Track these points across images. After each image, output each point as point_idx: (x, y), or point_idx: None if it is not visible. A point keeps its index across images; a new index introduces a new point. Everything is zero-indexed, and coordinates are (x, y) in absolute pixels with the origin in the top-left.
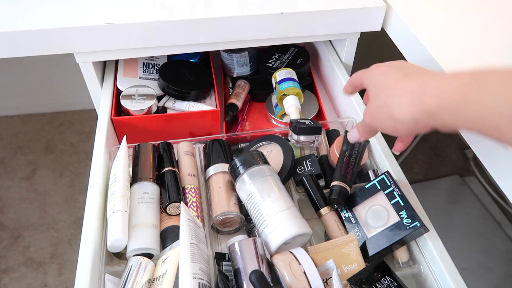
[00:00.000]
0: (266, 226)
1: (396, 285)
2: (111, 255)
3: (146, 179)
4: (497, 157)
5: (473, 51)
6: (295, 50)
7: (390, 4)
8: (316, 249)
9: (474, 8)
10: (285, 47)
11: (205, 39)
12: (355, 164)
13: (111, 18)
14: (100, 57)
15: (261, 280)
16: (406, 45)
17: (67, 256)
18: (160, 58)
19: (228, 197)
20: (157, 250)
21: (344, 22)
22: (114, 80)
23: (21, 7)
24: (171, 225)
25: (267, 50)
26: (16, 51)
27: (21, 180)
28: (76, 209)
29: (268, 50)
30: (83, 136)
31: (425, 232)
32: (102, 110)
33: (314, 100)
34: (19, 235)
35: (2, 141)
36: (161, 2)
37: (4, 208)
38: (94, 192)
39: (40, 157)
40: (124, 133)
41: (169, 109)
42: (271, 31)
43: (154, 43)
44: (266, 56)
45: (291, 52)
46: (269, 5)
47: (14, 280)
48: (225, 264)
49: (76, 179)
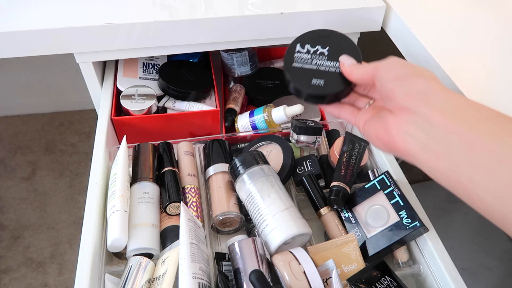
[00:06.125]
0: (266, 226)
1: (395, 285)
2: (111, 255)
3: (146, 179)
4: None
5: (473, 51)
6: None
7: (390, 4)
8: (316, 249)
9: (474, 8)
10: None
11: (205, 39)
12: (355, 164)
13: (111, 18)
14: (100, 57)
15: (261, 280)
16: (406, 45)
17: (67, 256)
18: (160, 58)
19: (228, 197)
20: (157, 250)
21: (344, 22)
22: (114, 80)
23: (21, 7)
24: (171, 225)
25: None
26: (16, 51)
27: (21, 180)
28: (76, 209)
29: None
30: (83, 136)
31: (424, 232)
32: (102, 110)
33: (316, 107)
34: (19, 235)
35: (2, 141)
36: (161, 2)
37: (4, 208)
38: (94, 192)
39: (40, 157)
40: (124, 133)
41: (169, 109)
42: (271, 31)
43: (154, 43)
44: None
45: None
46: (269, 5)
47: (14, 280)
48: (225, 264)
49: (76, 179)
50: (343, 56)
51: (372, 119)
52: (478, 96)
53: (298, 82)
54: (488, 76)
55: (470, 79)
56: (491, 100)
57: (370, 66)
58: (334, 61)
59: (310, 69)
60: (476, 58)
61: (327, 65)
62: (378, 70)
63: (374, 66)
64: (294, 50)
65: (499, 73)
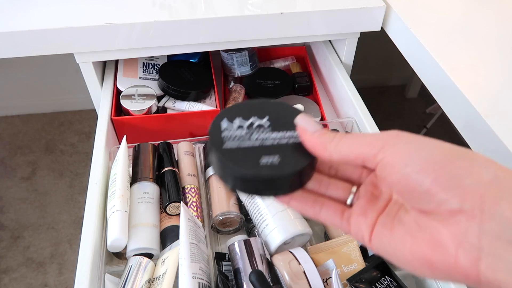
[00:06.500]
0: (266, 226)
1: (395, 285)
2: (111, 255)
3: (146, 179)
4: (496, 157)
5: (473, 51)
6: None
7: (390, 4)
8: (316, 249)
9: (474, 8)
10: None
11: (205, 39)
12: None
13: (111, 18)
14: (100, 57)
15: (261, 280)
16: (406, 45)
17: (67, 256)
18: (160, 58)
19: (228, 197)
20: (157, 250)
21: (344, 22)
22: (114, 80)
23: (21, 7)
24: (171, 225)
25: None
26: (16, 51)
27: (21, 180)
28: (76, 209)
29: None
30: (83, 136)
31: None
32: (102, 110)
33: (316, 107)
34: (19, 235)
35: (2, 141)
36: (161, 2)
37: (4, 208)
38: (94, 192)
39: (40, 157)
40: (124, 133)
41: (169, 109)
42: (271, 31)
43: (154, 43)
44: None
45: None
46: (269, 5)
47: (14, 280)
48: (225, 264)
49: (76, 179)
50: (302, 118)
51: (387, 226)
52: (478, 96)
53: (241, 165)
54: (488, 76)
55: (470, 79)
56: (491, 100)
57: (361, 140)
58: (283, 131)
59: (252, 147)
60: (476, 58)
61: (275, 137)
62: (384, 152)
63: (370, 142)
64: (219, 129)
65: (499, 73)
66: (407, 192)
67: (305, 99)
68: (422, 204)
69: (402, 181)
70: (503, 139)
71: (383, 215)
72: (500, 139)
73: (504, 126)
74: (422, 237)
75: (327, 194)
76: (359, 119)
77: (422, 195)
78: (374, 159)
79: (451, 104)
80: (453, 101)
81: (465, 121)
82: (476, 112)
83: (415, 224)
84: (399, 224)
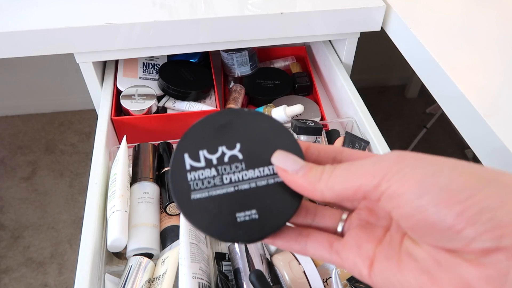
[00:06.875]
0: None
1: None
2: (111, 255)
3: (146, 179)
4: (496, 157)
5: (473, 51)
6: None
7: (390, 4)
8: None
9: (474, 8)
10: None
11: (205, 39)
12: None
13: (111, 18)
14: (100, 57)
15: (261, 279)
16: (406, 45)
17: (67, 256)
18: (160, 58)
19: None
20: (157, 250)
21: (344, 22)
22: (114, 80)
23: (21, 7)
24: (171, 225)
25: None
26: (16, 51)
27: (21, 180)
28: (76, 209)
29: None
30: (83, 136)
31: None
32: (102, 110)
33: (316, 107)
34: (19, 235)
35: (2, 141)
36: (161, 2)
37: (4, 208)
38: (94, 192)
39: (40, 157)
40: (124, 133)
41: (169, 109)
42: (271, 31)
43: (154, 43)
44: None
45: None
46: (269, 5)
47: (14, 280)
48: (225, 264)
49: (76, 179)
50: (278, 157)
51: (392, 259)
52: (478, 96)
53: (215, 226)
54: (488, 76)
55: (470, 79)
56: (491, 100)
57: (356, 170)
58: (260, 166)
59: (225, 195)
60: (476, 58)
61: (252, 177)
62: (387, 180)
63: (367, 170)
64: (183, 170)
65: (499, 73)
66: (422, 228)
67: (305, 99)
68: (443, 242)
69: (416, 215)
70: (503, 139)
71: (382, 245)
72: (500, 139)
73: (504, 126)
74: (445, 278)
75: (313, 224)
76: (359, 119)
77: (443, 232)
78: (376, 190)
79: (451, 104)
80: (453, 101)
81: (465, 121)
82: (476, 112)
83: (433, 261)
84: (408, 257)
